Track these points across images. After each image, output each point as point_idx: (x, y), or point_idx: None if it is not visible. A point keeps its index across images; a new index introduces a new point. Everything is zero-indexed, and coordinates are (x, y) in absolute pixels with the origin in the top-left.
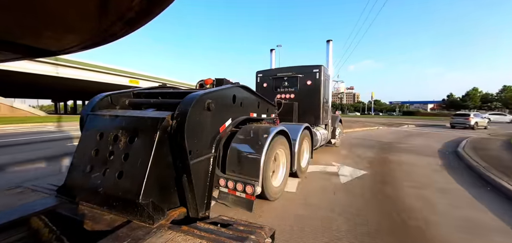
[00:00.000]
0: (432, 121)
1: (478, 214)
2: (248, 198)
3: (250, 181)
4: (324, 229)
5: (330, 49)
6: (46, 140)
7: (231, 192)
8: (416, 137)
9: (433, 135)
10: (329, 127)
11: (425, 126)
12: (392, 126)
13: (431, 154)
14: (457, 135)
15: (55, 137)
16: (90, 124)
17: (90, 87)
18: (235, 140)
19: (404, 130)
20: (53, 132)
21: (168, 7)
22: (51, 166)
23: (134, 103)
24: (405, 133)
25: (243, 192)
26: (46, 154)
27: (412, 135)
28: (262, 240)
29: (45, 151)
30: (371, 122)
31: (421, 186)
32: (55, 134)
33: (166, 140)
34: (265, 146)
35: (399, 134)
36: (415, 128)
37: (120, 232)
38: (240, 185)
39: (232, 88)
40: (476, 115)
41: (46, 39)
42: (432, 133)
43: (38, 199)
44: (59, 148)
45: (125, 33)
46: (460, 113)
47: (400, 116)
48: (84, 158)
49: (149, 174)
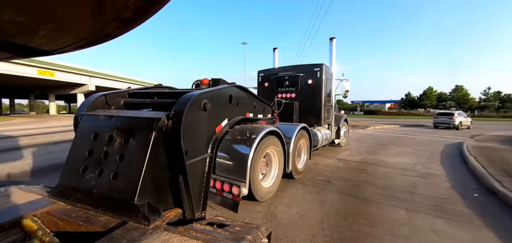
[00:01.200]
0: (397, 120)
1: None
2: (234, 198)
3: (236, 182)
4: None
5: (333, 47)
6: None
7: (219, 193)
8: (396, 148)
9: (418, 143)
10: (332, 126)
11: (396, 127)
12: (356, 129)
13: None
14: (446, 139)
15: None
16: (84, 125)
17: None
18: (225, 140)
19: (377, 134)
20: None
21: (164, 7)
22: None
23: (129, 103)
24: (377, 140)
25: (230, 193)
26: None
27: (390, 146)
28: (259, 241)
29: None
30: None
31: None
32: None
33: (161, 140)
34: (252, 146)
35: (368, 141)
36: (385, 130)
37: (115, 233)
38: (227, 186)
39: (228, 88)
40: (460, 114)
41: (39, 38)
42: (415, 139)
43: (31, 200)
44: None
45: (120, 32)
46: (444, 112)
47: (362, 115)
48: (78, 159)
49: (145, 175)
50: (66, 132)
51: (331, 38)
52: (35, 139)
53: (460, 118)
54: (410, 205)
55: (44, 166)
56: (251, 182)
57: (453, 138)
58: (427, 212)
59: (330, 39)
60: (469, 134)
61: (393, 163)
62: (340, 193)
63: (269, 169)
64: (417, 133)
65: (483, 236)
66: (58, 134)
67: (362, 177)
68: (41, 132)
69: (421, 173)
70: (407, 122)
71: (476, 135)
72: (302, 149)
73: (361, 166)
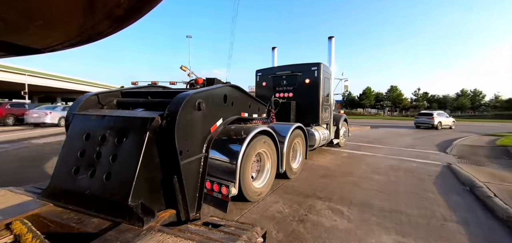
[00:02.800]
0: (363, 121)
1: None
2: (224, 198)
3: (226, 182)
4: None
5: (332, 46)
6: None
7: (209, 192)
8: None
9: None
10: (331, 126)
11: (367, 129)
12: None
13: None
14: (422, 154)
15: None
16: (76, 125)
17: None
18: (216, 139)
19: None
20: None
21: (157, 6)
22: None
23: (122, 102)
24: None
25: (219, 192)
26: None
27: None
28: (254, 240)
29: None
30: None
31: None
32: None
33: (155, 140)
34: (243, 146)
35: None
36: (363, 134)
37: (109, 235)
38: (216, 186)
39: (223, 88)
40: (439, 114)
41: (28, 36)
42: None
43: (20, 202)
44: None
45: (112, 31)
46: (424, 112)
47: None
48: (70, 159)
49: (138, 175)
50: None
51: (330, 37)
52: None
53: (440, 118)
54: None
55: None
56: (241, 182)
57: (430, 151)
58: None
59: (328, 38)
60: (450, 136)
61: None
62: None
63: (261, 169)
64: (388, 139)
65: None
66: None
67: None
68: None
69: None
70: (373, 122)
71: (460, 139)
72: (298, 148)
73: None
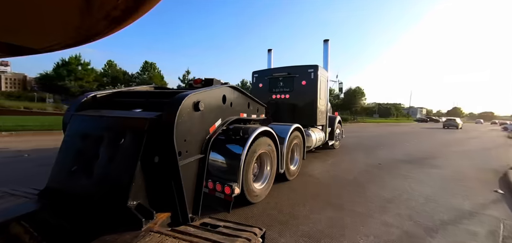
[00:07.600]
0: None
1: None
2: (226, 198)
3: (229, 182)
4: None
5: (328, 49)
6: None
7: (211, 192)
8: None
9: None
10: (326, 128)
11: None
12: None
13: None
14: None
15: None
16: (74, 125)
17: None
18: (217, 140)
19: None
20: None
21: (155, 6)
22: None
23: (120, 103)
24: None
25: (222, 192)
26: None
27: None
28: (253, 241)
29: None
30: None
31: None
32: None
33: (154, 141)
34: (245, 146)
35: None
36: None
37: (107, 236)
38: (219, 186)
39: (221, 88)
40: (459, 120)
41: (24, 36)
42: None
43: (18, 203)
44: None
45: (109, 32)
46: (450, 118)
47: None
48: (67, 160)
49: (137, 176)
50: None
51: (325, 40)
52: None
53: (460, 122)
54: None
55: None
56: (243, 182)
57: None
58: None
59: (324, 41)
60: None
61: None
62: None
63: (262, 169)
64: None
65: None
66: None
67: None
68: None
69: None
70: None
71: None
72: (296, 149)
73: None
